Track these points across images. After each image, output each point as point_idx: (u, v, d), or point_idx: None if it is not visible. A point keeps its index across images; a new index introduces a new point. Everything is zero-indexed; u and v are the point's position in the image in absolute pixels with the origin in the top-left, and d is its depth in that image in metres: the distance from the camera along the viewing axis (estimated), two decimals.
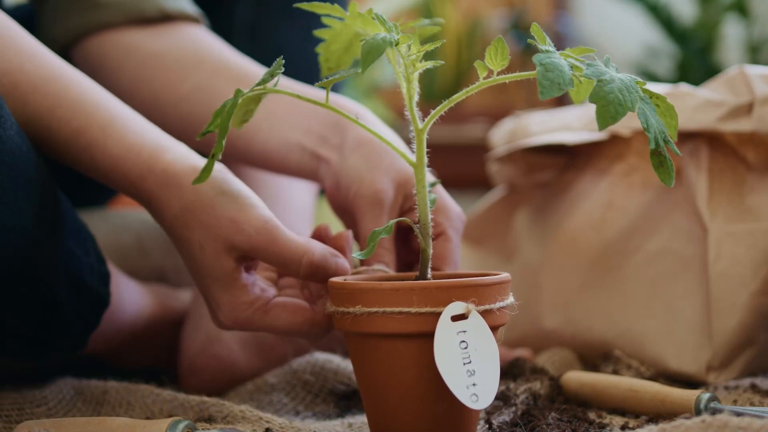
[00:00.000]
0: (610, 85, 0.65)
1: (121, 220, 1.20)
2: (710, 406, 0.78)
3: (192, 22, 1.03)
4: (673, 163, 0.68)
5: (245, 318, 0.76)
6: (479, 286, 0.69)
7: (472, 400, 0.65)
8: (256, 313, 0.76)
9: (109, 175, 0.81)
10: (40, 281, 0.80)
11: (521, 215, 1.17)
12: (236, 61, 0.99)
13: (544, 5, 3.69)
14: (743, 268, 0.95)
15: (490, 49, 0.70)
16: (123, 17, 1.00)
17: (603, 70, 0.66)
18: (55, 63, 0.83)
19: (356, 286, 0.71)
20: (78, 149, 0.81)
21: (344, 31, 0.79)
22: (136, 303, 1.02)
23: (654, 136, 0.66)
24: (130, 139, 0.80)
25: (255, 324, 0.77)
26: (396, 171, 0.86)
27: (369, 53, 0.67)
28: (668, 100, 0.70)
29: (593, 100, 0.64)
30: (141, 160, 0.79)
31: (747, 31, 3.05)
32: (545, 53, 0.66)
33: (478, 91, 0.71)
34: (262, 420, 0.81)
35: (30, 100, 0.80)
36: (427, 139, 0.74)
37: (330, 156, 0.91)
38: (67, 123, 0.81)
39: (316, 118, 0.93)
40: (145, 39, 1.00)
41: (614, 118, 0.64)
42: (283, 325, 0.77)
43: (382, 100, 3.00)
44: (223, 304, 0.76)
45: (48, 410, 0.86)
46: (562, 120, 1.13)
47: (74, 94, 0.82)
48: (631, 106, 0.64)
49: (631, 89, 0.65)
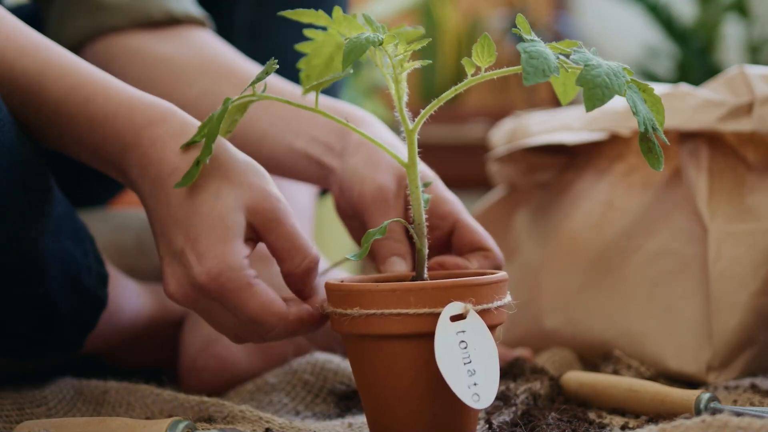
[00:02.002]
0: (597, 69, 0.65)
1: (121, 220, 1.20)
2: (710, 406, 0.78)
3: (198, 26, 1.03)
4: (662, 151, 0.68)
5: (226, 278, 0.71)
6: (476, 286, 0.69)
7: (473, 400, 0.65)
8: (239, 280, 0.71)
9: (107, 127, 0.76)
10: (38, 283, 0.80)
11: (521, 215, 1.17)
12: (242, 66, 0.99)
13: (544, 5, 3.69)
14: (743, 268, 0.95)
15: (476, 46, 0.70)
16: (129, 20, 1.00)
17: (590, 56, 0.67)
18: (40, 37, 0.81)
19: (354, 288, 0.71)
20: (74, 105, 0.77)
21: (327, 42, 0.79)
22: (135, 303, 1.02)
23: (643, 120, 0.67)
24: (133, 91, 0.78)
25: (230, 291, 0.71)
26: (396, 167, 0.86)
27: (351, 52, 0.67)
28: (668, 100, 0.70)
29: (580, 83, 0.64)
30: (154, 107, 0.76)
31: (747, 31, 3.04)
32: (530, 42, 0.66)
33: (478, 91, 0.71)
34: (262, 420, 0.81)
35: (17, 65, 0.77)
36: (427, 139, 0.74)
37: (334, 164, 0.91)
38: (61, 80, 0.78)
39: (321, 124, 0.92)
40: (152, 42, 1.00)
41: (602, 101, 0.64)
42: (253, 309, 0.72)
43: (382, 100, 3.00)
44: (211, 254, 0.71)
45: (48, 410, 0.86)
46: (562, 120, 1.13)
47: (66, 59, 0.79)
48: (619, 89, 0.65)
49: (619, 74, 0.66)
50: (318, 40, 0.79)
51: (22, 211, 0.77)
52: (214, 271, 0.71)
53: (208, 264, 0.71)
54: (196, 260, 0.71)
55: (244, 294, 0.72)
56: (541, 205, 1.15)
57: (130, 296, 1.01)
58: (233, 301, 0.72)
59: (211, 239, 0.71)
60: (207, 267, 0.71)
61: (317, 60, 0.80)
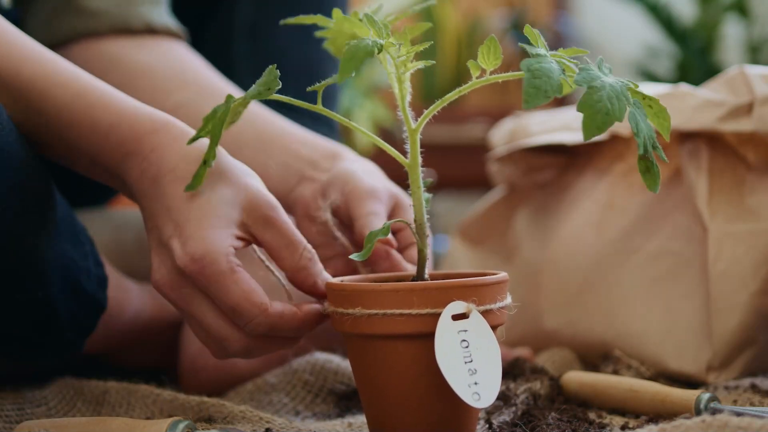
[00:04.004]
0: (599, 93, 0.64)
1: (121, 220, 1.20)
2: (710, 406, 0.78)
3: (175, 38, 1.04)
4: (660, 169, 0.68)
5: (209, 261, 0.70)
6: (479, 286, 0.70)
7: (474, 399, 0.65)
8: (222, 264, 0.71)
9: (111, 134, 0.77)
10: (37, 286, 0.80)
11: (521, 215, 1.17)
12: (219, 84, 1.00)
13: (544, 5, 3.69)
14: (743, 268, 0.95)
15: (482, 48, 0.69)
16: (108, 26, 1.01)
17: (594, 75, 0.65)
18: (40, 45, 0.82)
19: (356, 288, 0.71)
20: (78, 111, 0.78)
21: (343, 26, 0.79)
22: (135, 304, 1.02)
23: (643, 141, 0.66)
24: (133, 101, 0.79)
25: (212, 275, 0.71)
26: (389, 185, 0.88)
27: (350, 60, 0.66)
28: (668, 100, 0.70)
29: (581, 109, 0.63)
30: (156, 115, 0.77)
31: (747, 31, 3.04)
32: (535, 57, 0.65)
33: (478, 91, 0.71)
34: (262, 420, 0.81)
35: (24, 69, 0.78)
36: (427, 139, 0.74)
37: (317, 176, 0.91)
38: (67, 86, 0.79)
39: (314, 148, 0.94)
40: (131, 50, 1.00)
41: (600, 129, 0.63)
42: (235, 295, 0.71)
43: (382, 100, 3.00)
44: (196, 237, 0.71)
45: (48, 410, 0.86)
46: (562, 120, 1.13)
47: (69, 67, 0.81)
48: (619, 115, 0.64)
49: (621, 97, 0.64)
50: (334, 27, 0.78)
51: (21, 215, 0.77)
52: (197, 253, 0.71)
53: (192, 246, 0.71)
54: (181, 245, 0.71)
55: (226, 279, 0.71)
56: (541, 205, 1.15)
57: (130, 297, 1.01)
58: (215, 285, 0.71)
59: (199, 225, 0.71)
60: (191, 250, 0.71)
61: (341, 39, 0.79)
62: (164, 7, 1.07)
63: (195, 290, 0.72)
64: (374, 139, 0.75)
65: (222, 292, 0.71)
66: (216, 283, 0.71)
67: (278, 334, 0.74)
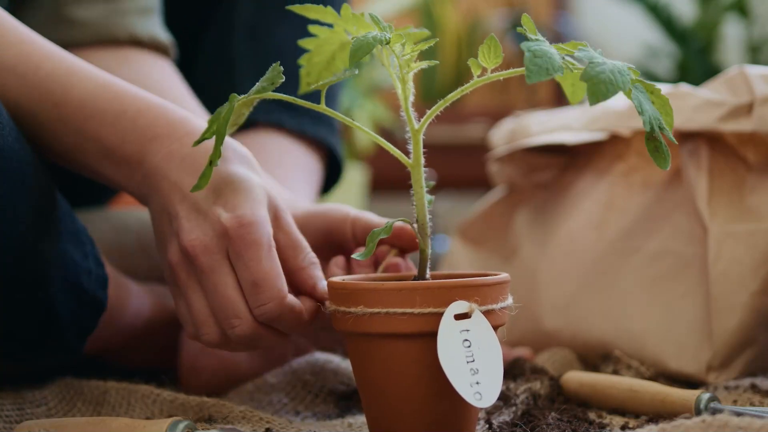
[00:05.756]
0: (601, 66, 0.65)
1: (121, 220, 1.20)
2: (710, 406, 0.78)
3: (161, 52, 1.04)
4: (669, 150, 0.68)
5: (255, 229, 0.73)
6: (481, 286, 0.70)
7: (475, 398, 0.65)
8: (265, 236, 0.73)
9: (138, 119, 0.79)
10: (38, 286, 0.80)
11: (521, 215, 1.17)
12: (197, 109, 1.01)
13: (544, 5, 3.69)
14: (743, 268, 0.95)
15: (483, 47, 0.70)
16: (93, 38, 1.01)
17: (594, 54, 0.67)
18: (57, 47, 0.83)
19: (358, 287, 0.71)
20: (104, 99, 0.80)
21: (330, 40, 0.79)
22: (135, 304, 1.01)
23: (649, 120, 0.66)
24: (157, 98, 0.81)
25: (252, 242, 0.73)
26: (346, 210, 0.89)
27: (358, 50, 0.67)
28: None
29: (584, 80, 0.64)
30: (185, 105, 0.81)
31: (747, 31, 3.05)
32: (534, 41, 0.66)
33: (479, 91, 0.71)
34: (262, 420, 0.81)
35: (45, 65, 0.80)
36: (428, 138, 0.74)
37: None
38: (91, 79, 0.81)
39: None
40: (113, 63, 1.00)
41: (605, 96, 0.63)
42: (263, 269, 0.73)
43: (382, 100, 3.00)
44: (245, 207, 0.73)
45: (48, 410, 0.86)
46: (562, 120, 1.13)
47: (88, 63, 0.83)
48: (623, 86, 0.64)
49: (623, 72, 0.65)
50: (322, 37, 0.79)
51: (22, 215, 0.77)
52: (246, 218, 0.73)
53: (242, 211, 0.73)
54: (228, 211, 0.73)
55: (263, 250, 0.73)
56: (541, 205, 1.15)
57: (130, 297, 1.01)
58: (251, 252, 0.73)
59: (246, 199, 0.74)
60: (239, 214, 0.73)
61: (319, 58, 0.80)
62: (155, 17, 1.06)
63: (224, 258, 0.74)
64: (378, 140, 0.75)
65: (254, 261, 0.73)
66: (253, 251, 0.73)
67: (279, 327, 0.76)
